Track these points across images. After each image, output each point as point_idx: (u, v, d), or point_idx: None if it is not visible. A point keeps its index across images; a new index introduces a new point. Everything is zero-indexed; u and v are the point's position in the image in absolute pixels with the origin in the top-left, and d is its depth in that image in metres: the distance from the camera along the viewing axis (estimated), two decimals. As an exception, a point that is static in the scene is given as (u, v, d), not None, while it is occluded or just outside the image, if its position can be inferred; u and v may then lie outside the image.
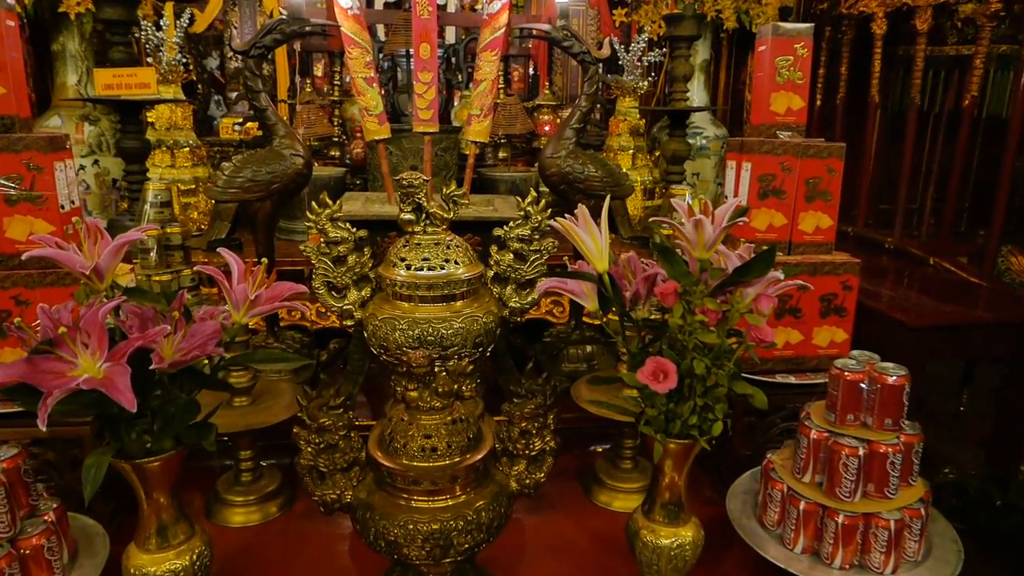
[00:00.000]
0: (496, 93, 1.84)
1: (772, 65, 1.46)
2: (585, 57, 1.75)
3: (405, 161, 2.56)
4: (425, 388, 1.08)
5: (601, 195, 1.80)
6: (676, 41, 2.52)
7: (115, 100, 2.29)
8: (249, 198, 1.68)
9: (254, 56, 1.65)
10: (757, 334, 0.94)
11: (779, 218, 1.47)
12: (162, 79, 2.72)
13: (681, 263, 1.03)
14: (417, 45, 1.78)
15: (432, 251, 1.34)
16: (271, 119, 1.70)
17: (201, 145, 2.83)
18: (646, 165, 2.94)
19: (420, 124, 1.83)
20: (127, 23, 2.29)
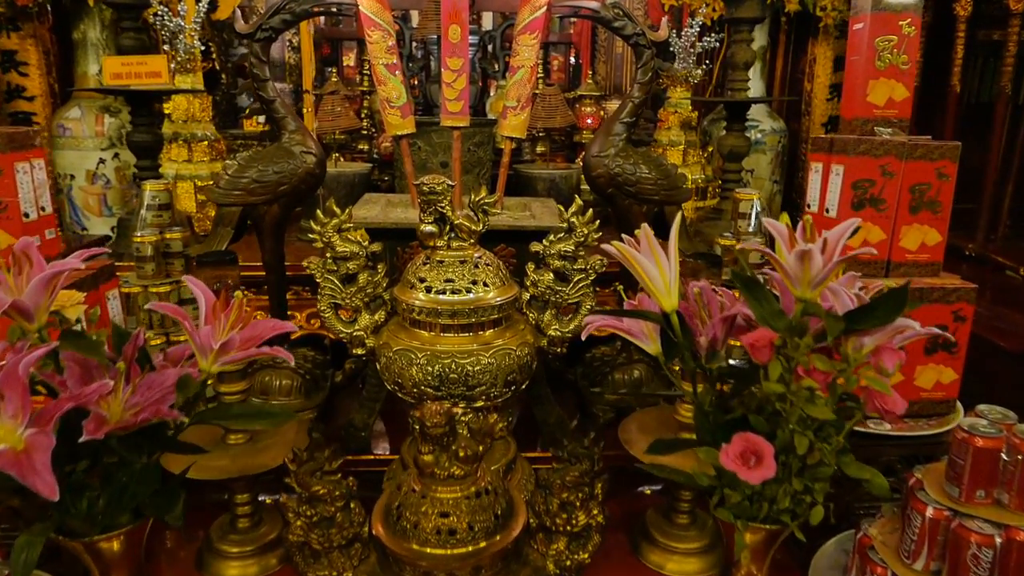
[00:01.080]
0: (535, 82, 1.61)
1: (871, 47, 1.21)
2: (639, 40, 1.51)
3: (435, 157, 2.35)
4: (443, 451, 0.86)
5: (655, 200, 1.57)
6: (736, 24, 2.25)
7: (125, 91, 2.12)
8: (254, 201, 1.48)
9: (260, 40, 1.46)
10: (882, 403, 0.70)
11: (876, 232, 1.22)
12: (180, 68, 2.55)
13: (773, 303, 0.80)
14: (446, 27, 1.56)
15: (457, 271, 1.12)
16: (280, 112, 1.50)
17: (221, 139, 2.66)
18: (698, 162, 2.68)
19: (449, 117, 1.61)
20: (138, 7, 2.12)
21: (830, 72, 3.52)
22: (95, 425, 0.67)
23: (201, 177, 2.57)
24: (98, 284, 1.24)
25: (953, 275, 1.27)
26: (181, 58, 2.51)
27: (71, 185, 3.02)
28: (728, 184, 2.38)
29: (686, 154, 2.64)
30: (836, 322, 0.70)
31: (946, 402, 1.25)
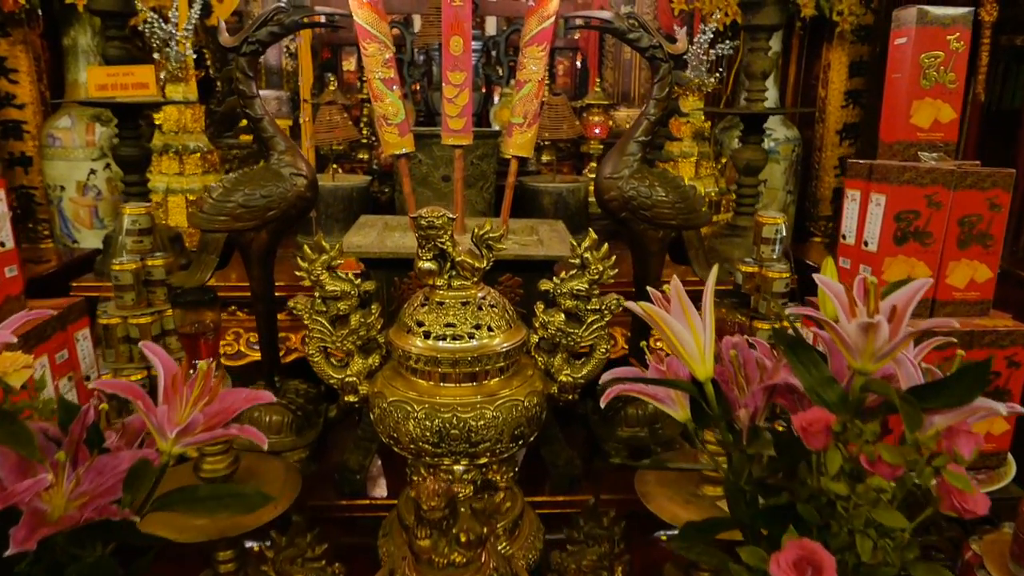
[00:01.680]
0: (542, 96, 1.50)
1: (915, 64, 1.09)
2: (656, 53, 1.40)
3: (436, 171, 2.24)
4: (442, 536, 0.75)
5: (672, 225, 1.45)
6: (754, 31, 2.14)
7: (110, 103, 2.02)
8: (241, 228, 1.37)
9: (246, 54, 1.35)
10: (961, 502, 0.59)
11: (921, 269, 1.11)
12: (171, 77, 2.45)
13: (823, 368, 0.69)
14: (447, 39, 1.45)
15: (459, 314, 1.01)
16: (268, 131, 1.39)
17: (214, 150, 2.56)
18: (711, 174, 2.56)
19: (450, 135, 1.50)
20: (124, 15, 2.01)
21: (845, 78, 3.40)
22: (27, 531, 0.56)
23: (193, 191, 2.47)
24: (66, 324, 1.14)
25: (1003, 314, 1.15)
26: (172, 67, 2.41)
27: (61, 196, 2.93)
28: (744, 199, 2.27)
29: (699, 166, 2.53)
30: (914, 411, 0.59)
31: (997, 455, 1.14)
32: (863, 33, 3.21)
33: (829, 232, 3.52)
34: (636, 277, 1.55)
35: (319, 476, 1.51)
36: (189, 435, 0.64)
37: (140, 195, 2.15)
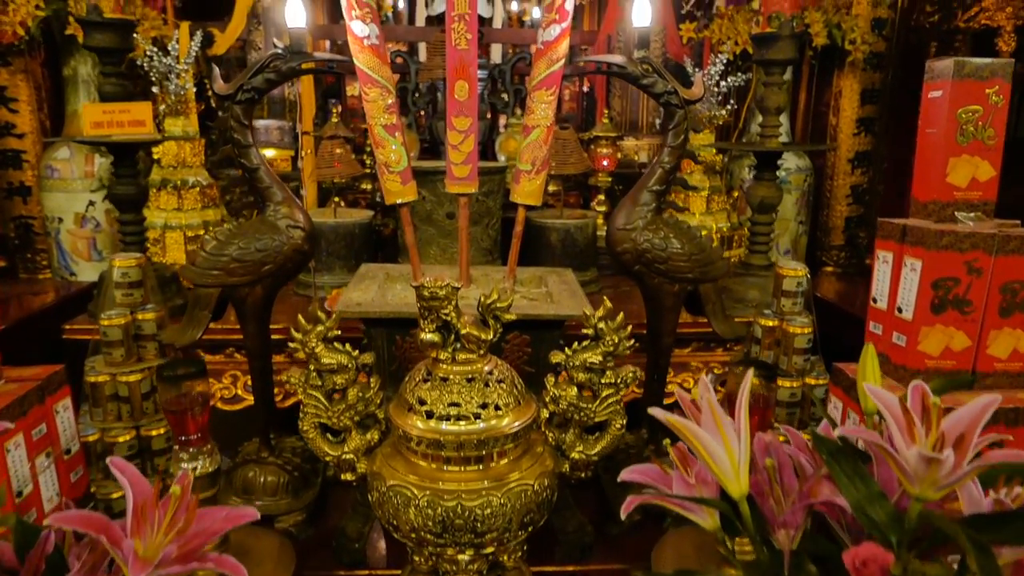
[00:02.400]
0: (551, 142, 1.44)
1: (951, 120, 1.02)
2: (670, 99, 1.33)
3: (440, 208, 2.18)
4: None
5: (689, 279, 1.38)
6: (768, 66, 2.07)
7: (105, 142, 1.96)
8: (235, 283, 1.31)
9: (241, 102, 1.29)
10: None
11: (960, 339, 1.03)
12: (170, 111, 2.41)
13: (872, 483, 0.61)
14: (452, 83, 1.39)
15: (464, 392, 0.93)
16: (264, 181, 1.33)
17: (213, 184, 2.50)
18: (723, 209, 2.50)
19: (455, 183, 1.43)
20: (120, 51, 1.96)
21: (857, 106, 3.34)
22: None
23: (191, 226, 2.41)
24: (45, 397, 1.07)
25: (1049, 385, 1.08)
26: (172, 100, 2.36)
27: (59, 228, 2.88)
28: (758, 237, 2.20)
29: (710, 201, 2.46)
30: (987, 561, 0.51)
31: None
32: (875, 60, 3.15)
33: (842, 262, 3.45)
34: (650, 331, 1.47)
35: (317, 541, 1.43)
36: (162, 568, 0.57)
37: (136, 234, 2.09)
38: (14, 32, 2.59)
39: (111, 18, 1.88)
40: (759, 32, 2.06)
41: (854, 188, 3.43)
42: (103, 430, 1.38)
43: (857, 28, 2.88)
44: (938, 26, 2.81)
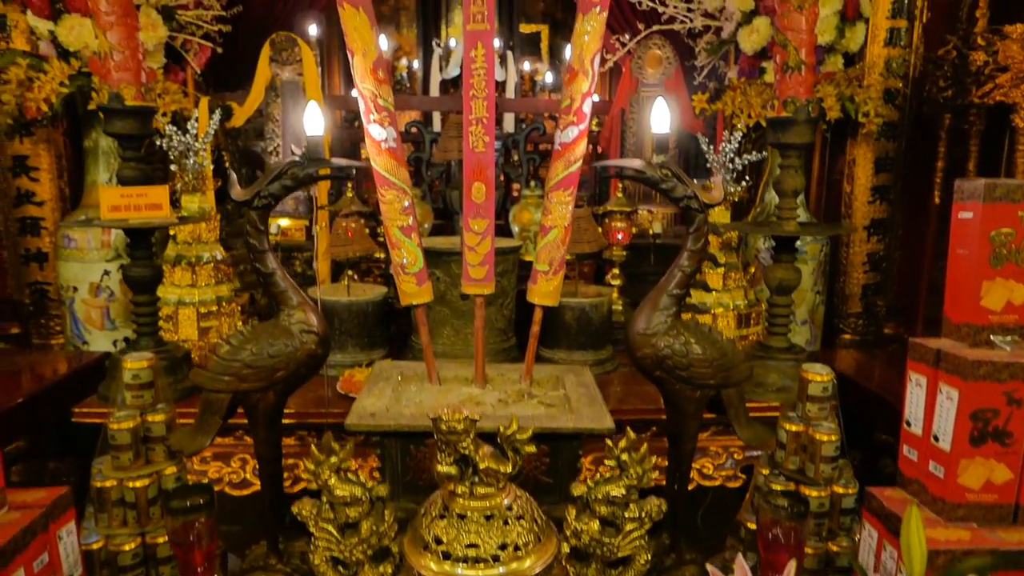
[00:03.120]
0: (568, 242, 1.42)
1: (984, 242, 1.00)
2: (690, 203, 1.32)
3: (454, 288, 2.16)
4: None
5: (710, 384, 1.35)
6: (784, 149, 2.07)
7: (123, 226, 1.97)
8: (247, 389, 1.28)
9: (258, 208, 1.29)
10: None
11: (1002, 472, 0.98)
12: (187, 188, 2.43)
13: None
14: (469, 185, 1.38)
15: (483, 531, 0.90)
16: (279, 286, 1.31)
17: (227, 259, 2.50)
18: (740, 286, 2.47)
19: (471, 284, 1.42)
20: (140, 137, 1.99)
21: (871, 174, 3.33)
22: None
23: (205, 302, 2.41)
24: (49, 524, 1.04)
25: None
26: (189, 178, 2.38)
27: (73, 298, 2.89)
28: (777, 318, 2.16)
29: (726, 278, 2.43)
30: None
31: None
32: (888, 130, 3.15)
33: (860, 329, 3.40)
34: (670, 436, 1.43)
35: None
36: None
37: (149, 315, 2.08)
38: (38, 108, 2.64)
39: (132, 106, 1.90)
40: (775, 116, 2.05)
41: (870, 256, 3.40)
42: (107, 537, 1.34)
43: (870, 100, 2.88)
44: (952, 100, 2.82)
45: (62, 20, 2.69)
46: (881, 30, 3.23)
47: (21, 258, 3.16)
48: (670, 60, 3.05)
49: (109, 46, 1.89)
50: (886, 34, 3.23)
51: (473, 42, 1.32)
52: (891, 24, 3.22)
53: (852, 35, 2.97)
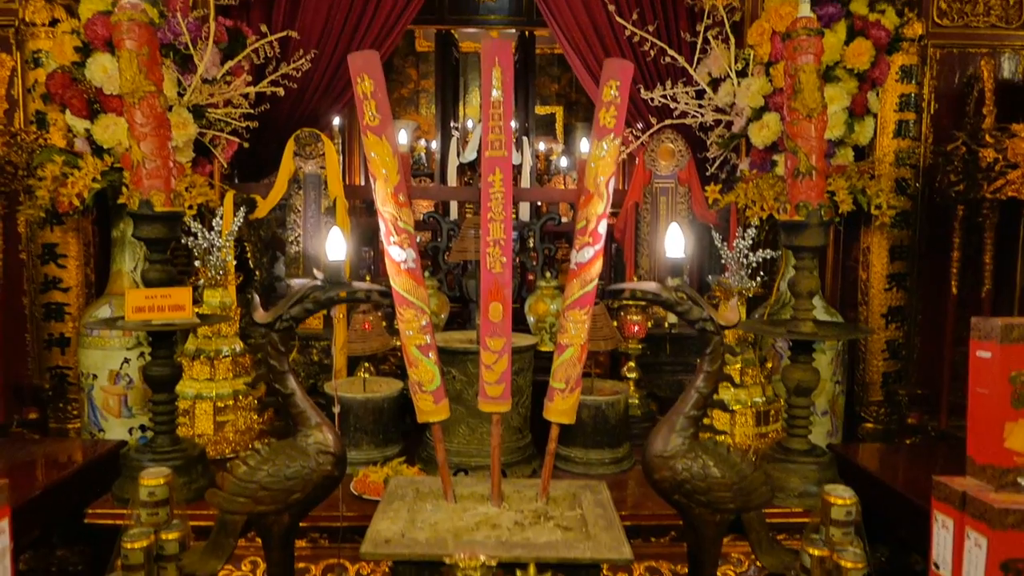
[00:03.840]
0: (585, 360, 1.43)
1: (1004, 383, 0.99)
2: (706, 325, 1.33)
3: (470, 388, 2.16)
4: None
5: (730, 508, 1.32)
6: (798, 251, 2.09)
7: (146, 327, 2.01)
8: (262, 511, 1.28)
9: (280, 330, 1.31)
10: None
11: (1036, 627, 0.95)
12: (209, 283, 2.48)
13: None
14: (486, 305, 1.41)
15: None
16: (298, 406, 1.33)
17: (246, 353, 2.53)
18: (757, 383, 2.44)
19: (488, 403, 1.42)
20: (166, 240, 2.05)
21: (886, 262, 3.34)
22: None
23: (222, 396, 2.42)
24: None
25: None
26: (212, 274, 2.44)
27: (92, 385, 2.91)
28: (796, 420, 2.13)
29: (743, 373, 2.42)
30: None
31: None
32: (901, 218, 3.18)
33: (882, 418, 3.35)
34: (691, 557, 1.40)
35: None
36: None
37: (167, 414, 2.09)
38: (71, 203, 2.73)
39: (161, 212, 1.97)
40: (787, 219, 2.08)
41: (889, 343, 3.37)
42: (114, 663, 1.32)
43: (882, 193, 2.92)
44: (964, 195, 2.84)
45: (98, 120, 2.82)
46: (890, 123, 3.31)
47: (44, 343, 3.22)
48: (682, 153, 3.12)
49: (142, 155, 1.97)
50: (895, 126, 3.30)
51: (491, 168, 1.36)
52: (899, 116, 3.30)
53: (861, 129, 3.03)
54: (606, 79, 1.38)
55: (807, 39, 1.99)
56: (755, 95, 2.97)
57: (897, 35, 3.04)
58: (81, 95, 2.80)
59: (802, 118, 2.02)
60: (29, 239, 3.10)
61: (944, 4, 3.44)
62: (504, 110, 1.33)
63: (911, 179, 3.30)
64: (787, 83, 2.05)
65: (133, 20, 1.93)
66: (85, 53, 2.81)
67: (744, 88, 3.00)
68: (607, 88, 1.37)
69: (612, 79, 1.37)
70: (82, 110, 2.82)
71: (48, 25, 3.07)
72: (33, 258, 3.16)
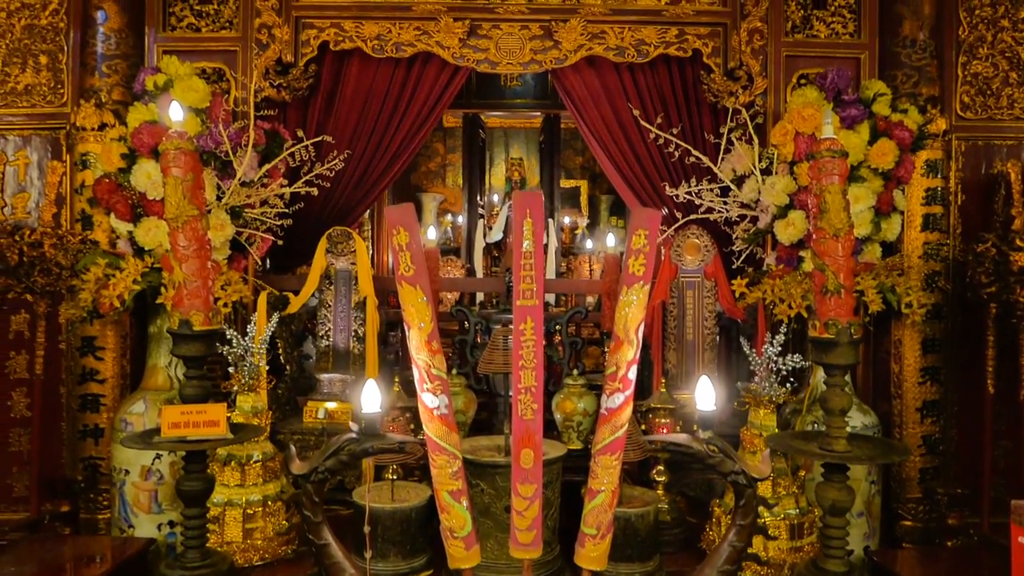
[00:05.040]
0: (615, 504, 1.42)
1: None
2: (738, 479, 1.32)
3: (498, 501, 2.14)
4: None
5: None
6: (829, 369, 2.08)
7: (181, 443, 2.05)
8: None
9: (315, 481, 1.33)
10: None
11: None
12: (242, 389, 2.52)
13: None
14: (517, 452, 1.42)
15: None
16: (332, 556, 1.34)
17: (275, 455, 2.55)
18: (791, 494, 2.39)
19: (519, 549, 1.42)
20: (203, 358, 2.11)
21: (919, 354, 3.28)
22: None
23: (252, 503, 2.43)
24: None
25: None
26: (245, 380, 2.48)
27: (124, 480, 2.95)
28: (832, 540, 2.07)
29: (775, 484, 2.37)
30: None
31: None
32: (933, 311, 3.14)
33: (921, 516, 3.24)
34: None
35: None
36: None
37: (198, 528, 2.11)
38: (111, 304, 2.82)
39: (200, 331, 2.03)
40: (817, 336, 2.07)
41: (925, 438, 3.28)
42: None
43: (912, 292, 2.89)
44: (996, 296, 2.82)
45: (141, 223, 2.94)
46: (917, 215, 3.31)
47: (79, 433, 3.28)
48: (708, 247, 3.14)
49: (183, 276, 2.04)
50: (922, 219, 3.30)
51: (523, 316, 1.39)
52: (926, 210, 3.30)
53: (888, 226, 3.04)
54: (635, 227, 1.41)
55: (831, 160, 2.03)
56: (780, 194, 3.00)
57: (921, 133, 3.07)
58: (125, 200, 2.92)
59: (829, 237, 2.03)
60: (68, 330, 3.18)
61: (967, 98, 3.49)
62: (536, 260, 1.37)
63: (941, 271, 3.28)
64: (813, 202, 2.07)
65: (180, 149, 2.03)
66: (131, 160, 2.95)
67: (769, 186, 3.04)
68: (636, 237, 1.41)
69: (641, 228, 1.41)
70: (126, 214, 2.94)
71: (96, 129, 3.23)
72: (72, 349, 3.25)
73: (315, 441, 2.96)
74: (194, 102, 2.94)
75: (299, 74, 3.40)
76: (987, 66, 3.50)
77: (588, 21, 3.40)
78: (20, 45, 3.50)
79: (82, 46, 3.40)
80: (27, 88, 3.50)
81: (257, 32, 3.42)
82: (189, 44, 3.47)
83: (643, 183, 3.51)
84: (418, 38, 3.42)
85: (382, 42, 3.42)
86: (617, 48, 3.40)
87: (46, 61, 3.51)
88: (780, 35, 3.44)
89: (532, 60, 3.43)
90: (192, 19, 3.50)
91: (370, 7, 3.43)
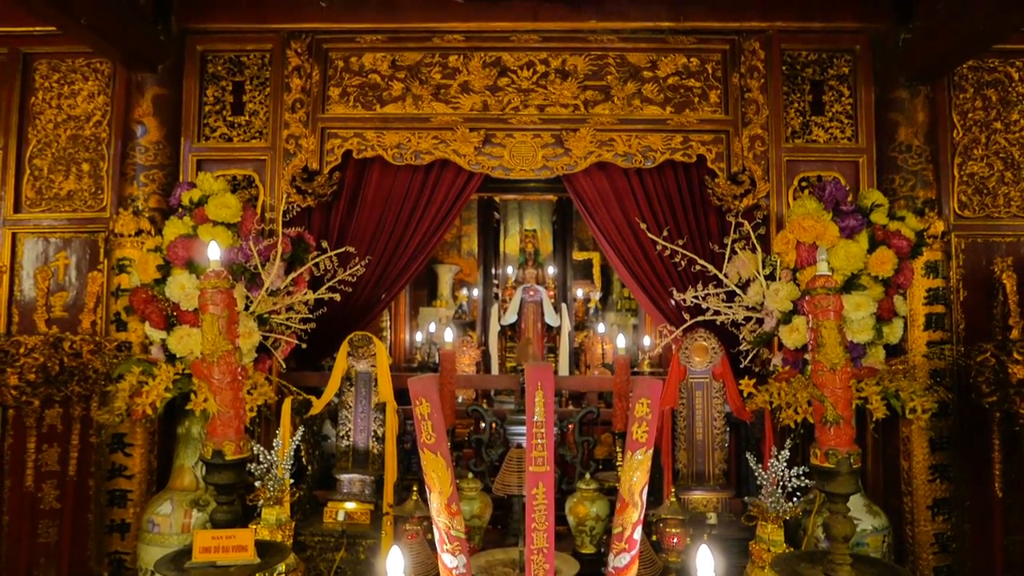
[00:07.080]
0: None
1: None
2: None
3: None
4: None
5: None
6: (832, 498, 2.15)
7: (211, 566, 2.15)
8: None
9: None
10: None
11: None
12: (268, 502, 2.63)
13: None
14: None
15: None
16: None
17: (298, 566, 2.63)
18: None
19: None
20: (236, 485, 2.22)
21: (927, 452, 3.33)
22: None
23: (273, 612, 2.51)
24: None
25: None
26: (270, 492, 2.59)
27: (149, 580, 3.03)
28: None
29: None
30: None
31: None
32: (939, 410, 3.19)
33: (939, 617, 3.24)
34: None
35: None
36: None
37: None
38: (144, 411, 2.96)
39: (232, 460, 2.15)
40: (818, 465, 2.15)
41: (938, 536, 3.31)
42: None
43: (916, 397, 2.96)
44: (997, 405, 2.88)
45: (173, 331, 3.09)
46: (919, 315, 3.40)
47: (106, 528, 3.38)
48: (715, 350, 3.24)
49: (217, 407, 2.17)
50: (924, 319, 3.39)
51: (535, 482, 1.50)
52: (929, 310, 3.39)
53: (890, 331, 3.12)
54: (638, 396, 1.53)
55: (826, 298, 2.13)
56: (783, 300, 3.11)
57: (919, 239, 3.18)
58: (160, 311, 3.09)
59: (826, 370, 2.13)
60: (100, 426, 3.31)
61: (964, 197, 3.61)
62: (547, 430, 1.48)
63: (945, 370, 3.35)
64: (811, 336, 2.18)
65: (217, 288, 2.18)
66: (166, 271, 3.13)
67: (773, 292, 3.15)
68: (639, 405, 1.52)
69: (644, 397, 1.52)
70: (160, 323, 3.11)
71: (133, 235, 3.42)
72: (103, 445, 3.38)
73: (335, 543, 3.05)
74: (226, 217, 3.13)
75: (324, 181, 3.60)
76: (983, 166, 3.64)
77: (597, 130, 3.59)
78: (64, 154, 3.74)
79: (122, 156, 3.64)
80: (69, 194, 3.73)
81: (285, 142, 3.64)
82: (222, 153, 3.69)
83: (652, 282, 3.64)
84: (436, 147, 3.62)
85: (402, 150, 3.62)
86: (625, 154, 3.58)
87: (88, 168, 3.74)
88: (781, 140, 3.60)
89: (544, 166, 3.61)
90: (225, 129, 3.73)
91: (391, 119, 3.65)
